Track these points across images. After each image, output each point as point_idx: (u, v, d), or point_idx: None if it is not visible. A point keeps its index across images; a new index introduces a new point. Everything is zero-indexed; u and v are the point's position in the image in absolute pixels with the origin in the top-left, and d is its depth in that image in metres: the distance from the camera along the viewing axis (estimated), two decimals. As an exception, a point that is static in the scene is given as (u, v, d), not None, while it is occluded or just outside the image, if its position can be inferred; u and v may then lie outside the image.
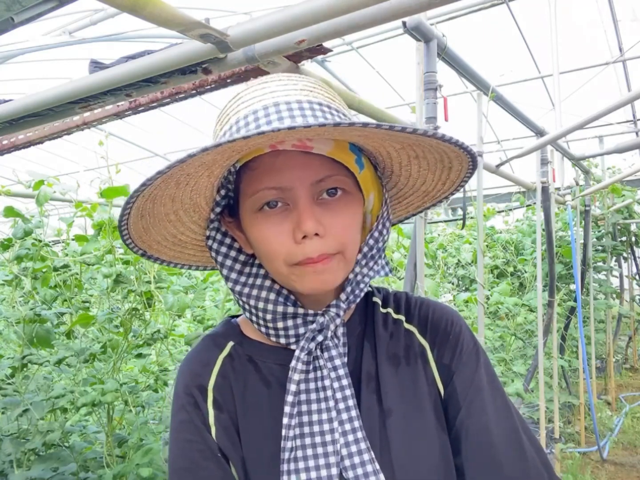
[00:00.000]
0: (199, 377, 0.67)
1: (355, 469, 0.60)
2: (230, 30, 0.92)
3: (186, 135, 7.38)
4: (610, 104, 2.05)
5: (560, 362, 3.47)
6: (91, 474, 1.70)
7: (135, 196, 0.57)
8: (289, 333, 0.66)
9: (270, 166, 0.61)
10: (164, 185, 0.59)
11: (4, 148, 1.63)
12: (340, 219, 0.62)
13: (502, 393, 0.68)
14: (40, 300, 1.93)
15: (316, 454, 0.61)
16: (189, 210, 0.68)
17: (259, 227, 0.62)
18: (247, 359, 0.69)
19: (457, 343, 0.69)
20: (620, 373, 5.81)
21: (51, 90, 1.19)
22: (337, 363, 0.64)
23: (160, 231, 0.69)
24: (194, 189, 0.64)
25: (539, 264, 2.91)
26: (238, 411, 0.66)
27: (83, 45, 4.25)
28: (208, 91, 1.28)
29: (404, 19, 1.28)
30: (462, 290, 4.50)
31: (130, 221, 0.62)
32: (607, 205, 4.69)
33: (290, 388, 0.62)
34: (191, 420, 0.65)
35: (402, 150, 0.66)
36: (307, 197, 0.61)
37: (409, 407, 0.65)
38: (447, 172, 0.68)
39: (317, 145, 0.60)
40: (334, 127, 0.53)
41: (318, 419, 0.63)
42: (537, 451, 0.64)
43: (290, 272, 0.62)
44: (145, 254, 0.71)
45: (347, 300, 0.66)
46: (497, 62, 4.95)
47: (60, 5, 0.78)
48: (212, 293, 2.70)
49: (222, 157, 0.58)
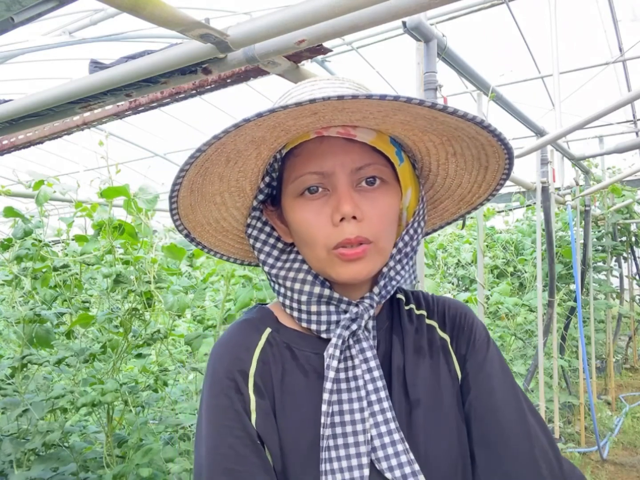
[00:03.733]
0: (241, 361, 0.66)
1: (389, 460, 0.61)
2: (230, 30, 0.92)
3: (186, 135, 7.37)
4: (610, 104, 2.05)
5: (560, 362, 3.47)
6: (91, 474, 1.70)
7: (189, 163, 0.59)
8: (321, 319, 0.67)
9: (313, 151, 0.63)
10: (215, 159, 0.62)
11: (4, 148, 1.63)
12: (377, 208, 0.63)
13: (512, 379, 0.70)
14: (40, 300, 1.93)
15: (347, 443, 0.62)
16: (234, 194, 0.70)
17: (300, 211, 0.64)
18: (285, 346, 0.69)
19: (471, 334, 0.72)
20: (620, 373, 5.81)
21: (51, 90, 1.19)
22: (369, 355, 0.66)
23: (205, 213, 0.71)
24: (241, 170, 0.67)
25: (539, 264, 2.91)
26: (276, 397, 0.66)
27: (83, 45, 4.25)
28: (208, 91, 1.28)
29: (404, 19, 1.28)
30: (462, 290, 4.49)
31: (181, 194, 0.64)
32: (607, 205, 4.69)
33: (329, 375, 0.63)
34: (231, 406, 0.64)
35: (441, 145, 0.67)
36: (346, 183, 0.63)
37: (433, 399, 0.67)
38: (484, 172, 0.70)
39: (360, 134, 0.63)
40: (377, 109, 0.56)
41: (349, 408, 0.64)
42: (543, 431, 0.66)
43: (329, 258, 0.63)
44: (189, 235, 0.72)
45: (380, 295, 0.68)
46: (497, 62, 4.95)
47: (60, 5, 0.78)
48: (212, 293, 2.70)
49: (272, 136, 0.62)
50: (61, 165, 8.28)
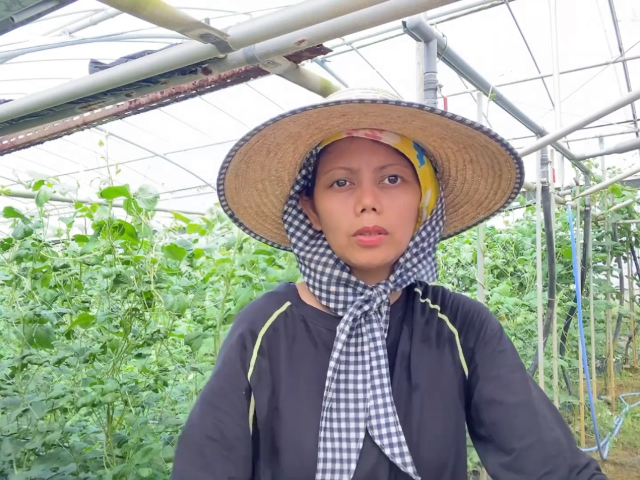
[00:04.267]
0: (254, 324, 0.77)
1: (380, 429, 0.68)
2: (230, 30, 0.92)
3: (186, 135, 7.37)
4: (610, 104, 2.05)
5: (560, 362, 3.47)
6: (91, 474, 1.70)
7: (235, 150, 0.68)
8: (339, 299, 0.75)
9: (344, 149, 0.71)
10: (257, 148, 0.71)
11: (4, 148, 1.63)
12: (396, 203, 0.71)
13: (524, 371, 0.73)
14: (40, 300, 1.93)
15: (348, 408, 0.70)
16: (274, 182, 0.79)
17: (328, 200, 0.72)
18: (300, 319, 0.78)
19: (481, 328, 0.77)
20: (620, 373, 5.81)
21: (51, 90, 1.19)
22: (377, 335, 0.72)
23: (247, 197, 0.79)
24: (280, 161, 0.76)
25: (539, 264, 2.91)
26: (283, 358, 0.74)
27: (83, 45, 4.25)
28: (208, 91, 1.28)
29: (404, 19, 1.29)
30: (462, 290, 4.49)
31: (227, 178, 0.73)
32: (607, 205, 4.69)
33: (337, 346, 0.71)
34: (233, 357, 0.74)
35: (458, 152, 0.74)
36: (370, 179, 0.70)
37: (433, 385, 0.73)
38: (498, 180, 0.76)
39: (386, 137, 0.70)
40: (397, 115, 0.64)
41: (354, 378, 0.71)
42: (556, 419, 0.69)
43: (349, 243, 0.71)
44: (233, 215, 0.81)
45: (395, 283, 0.74)
46: (497, 62, 4.95)
47: (60, 5, 0.78)
48: (212, 293, 2.70)
49: (307, 133, 0.71)
50: (61, 165, 8.27)
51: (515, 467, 0.65)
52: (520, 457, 0.65)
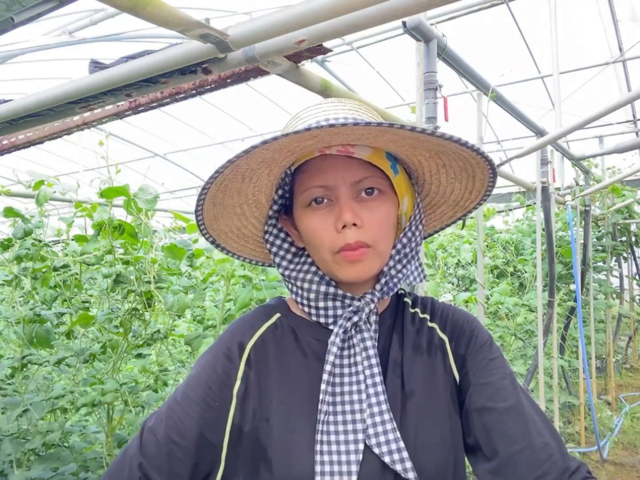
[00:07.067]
0: (242, 335, 0.76)
1: (378, 436, 0.68)
2: (230, 30, 0.92)
3: (186, 135, 7.38)
4: (610, 104, 2.05)
5: (560, 362, 3.47)
6: (91, 474, 1.70)
7: (210, 182, 0.68)
8: (329, 313, 0.75)
9: (318, 167, 0.72)
10: (232, 177, 0.71)
11: (4, 148, 1.63)
12: (375, 215, 0.71)
13: (513, 378, 0.74)
14: (40, 300, 1.93)
15: (345, 420, 0.69)
16: (252, 205, 0.79)
17: (308, 219, 0.73)
18: (290, 330, 0.78)
19: (472, 336, 0.77)
20: (620, 373, 5.81)
21: (51, 90, 1.19)
22: (368, 344, 0.73)
23: (227, 222, 0.80)
24: (256, 185, 0.76)
25: (539, 264, 2.91)
26: (272, 368, 0.74)
27: (83, 45, 4.26)
28: (208, 91, 1.28)
29: (404, 19, 1.28)
30: (462, 290, 4.49)
31: (205, 207, 0.73)
32: (607, 205, 4.69)
33: (329, 359, 0.71)
34: (215, 364, 0.73)
35: (431, 159, 0.75)
36: (347, 195, 0.71)
37: (427, 392, 0.73)
38: (472, 181, 0.78)
39: (358, 151, 0.71)
40: (368, 132, 0.64)
41: (349, 390, 0.71)
42: (544, 424, 0.70)
43: (333, 260, 0.71)
44: (215, 241, 0.81)
45: (381, 291, 0.75)
46: (497, 62, 4.95)
47: (60, 5, 0.78)
48: (212, 293, 2.70)
49: (280, 156, 0.71)
50: (61, 165, 8.28)
51: (506, 473, 0.65)
52: (511, 463, 0.65)
